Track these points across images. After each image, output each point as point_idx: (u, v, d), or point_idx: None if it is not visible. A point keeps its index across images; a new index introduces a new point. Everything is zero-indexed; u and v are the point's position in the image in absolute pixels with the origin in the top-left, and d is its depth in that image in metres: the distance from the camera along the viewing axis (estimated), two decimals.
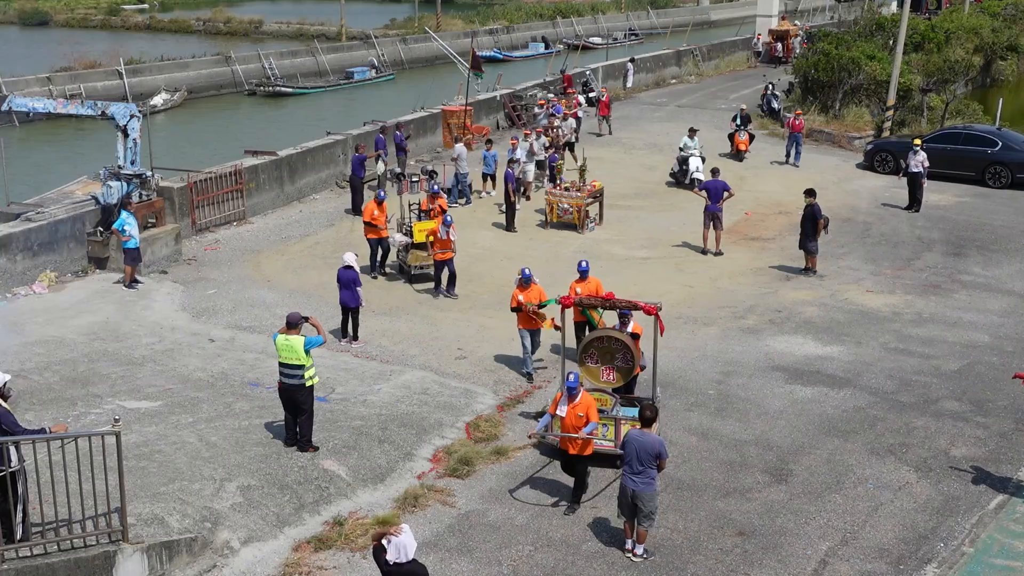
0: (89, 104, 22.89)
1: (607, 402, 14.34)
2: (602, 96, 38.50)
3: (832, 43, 40.67)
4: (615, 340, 14.61)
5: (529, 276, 16.89)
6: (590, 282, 17.14)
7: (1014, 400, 16.07)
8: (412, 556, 9.35)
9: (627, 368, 14.61)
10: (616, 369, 14.63)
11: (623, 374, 14.64)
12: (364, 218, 22.06)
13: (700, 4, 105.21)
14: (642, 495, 11.90)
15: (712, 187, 23.94)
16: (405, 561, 9.32)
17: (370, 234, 22.05)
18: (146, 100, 49.20)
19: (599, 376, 14.69)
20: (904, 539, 12.65)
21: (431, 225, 21.47)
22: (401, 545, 9.29)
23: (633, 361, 14.58)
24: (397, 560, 9.32)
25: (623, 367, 14.60)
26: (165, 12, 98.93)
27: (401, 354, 18.12)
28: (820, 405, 16.27)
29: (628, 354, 14.53)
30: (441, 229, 20.61)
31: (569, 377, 13.00)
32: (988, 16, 56.98)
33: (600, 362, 14.69)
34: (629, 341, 14.67)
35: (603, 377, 14.68)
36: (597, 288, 16.95)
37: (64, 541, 10.83)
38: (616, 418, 14.12)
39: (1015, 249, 24.76)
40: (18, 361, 16.84)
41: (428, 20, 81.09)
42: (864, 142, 35.02)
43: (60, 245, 21.53)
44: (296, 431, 13.94)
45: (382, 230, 21.96)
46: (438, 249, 20.82)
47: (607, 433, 13.97)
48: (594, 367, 14.71)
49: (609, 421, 14.06)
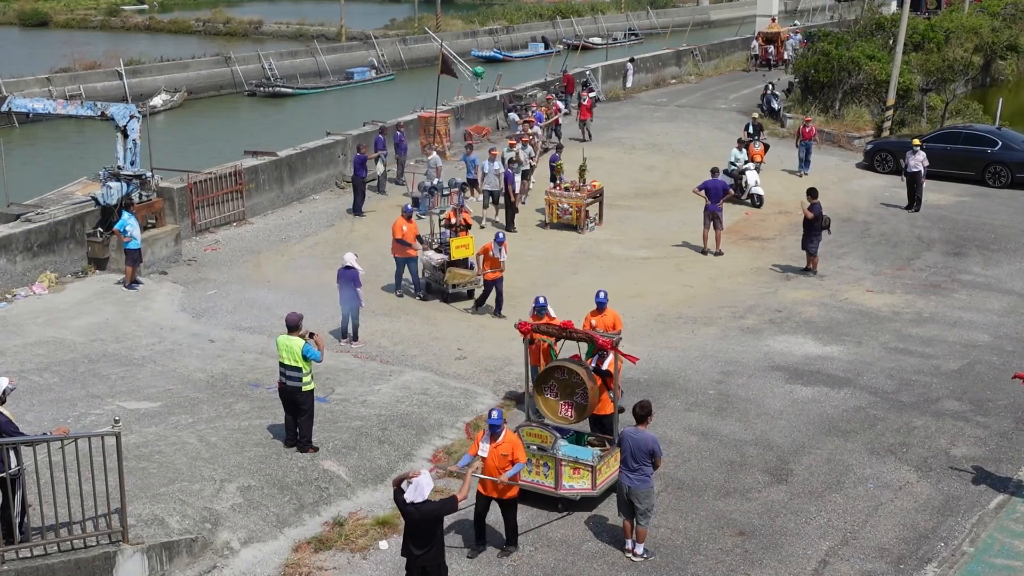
0: (89, 105, 22.90)
1: (547, 439, 13.13)
2: (584, 100, 37.08)
3: (832, 43, 40.67)
4: (576, 374, 13.41)
5: (544, 305, 15.72)
6: (607, 315, 15.58)
7: (1014, 400, 16.06)
8: (427, 496, 10.23)
9: (584, 405, 13.42)
10: (574, 406, 13.50)
11: (579, 412, 13.50)
12: (394, 235, 20.50)
13: (700, 4, 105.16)
14: (637, 492, 11.90)
15: (712, 187, 23.93)
16: (421, 501, 10.20)
17: (398, 252, 20.68)
18: (146, 101, 49.23)
19: (557, 411, 13.60)
20: (904, 539, 12.65)
21: (467, 241, 20.80)
22: (418, 485, 10.21)
23: (589, 399, 13.36)
24: (414, 500, 10.22)
25: (581, 404, 13.45)
26: (165, 13, 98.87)
27: (401, 354, 18.12)
28: (820, 405, 16.27)
29: (587, 391, 13.34)
30: (494, 247, 19.59)
31: (492, 414, 11.81)
32: (988, 16, 56.95)
33: (560, 396, 13.57)
34: (588, 377, 13.44)
35: (561, 412, 13.58)
36: (615, 322, 15.51)
37: (64, 542, 10.83)
38: (557, 458, 12.93)
39: (1015, 249, 24.77)
40: (18, 362, 16.85)
41: (428, 20, 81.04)
42: (864, 142, 35.03)
43: (60, 246, 21.53)
44: (296, 431, 13.94)
45: (411, 248, 20.63)
46: (488, 268, 19.81)
47: (548, 473, 12.98)
48: (553, 400, 13.63)
49: (550, 460, 12.95)
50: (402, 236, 20.39)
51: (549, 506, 13.07)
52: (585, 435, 13.81)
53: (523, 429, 13.19)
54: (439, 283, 20.94)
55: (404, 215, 20.64)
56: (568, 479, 12.96)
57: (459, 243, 20.83)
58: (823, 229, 22.70)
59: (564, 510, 12.99)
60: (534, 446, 13.07)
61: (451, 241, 20.85)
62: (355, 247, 22.24)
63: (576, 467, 12.93)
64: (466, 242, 20.92)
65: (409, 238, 20.46)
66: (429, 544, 10.42)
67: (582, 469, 12.92)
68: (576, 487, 12.97)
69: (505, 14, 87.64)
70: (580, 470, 12.93)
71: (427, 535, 10.40)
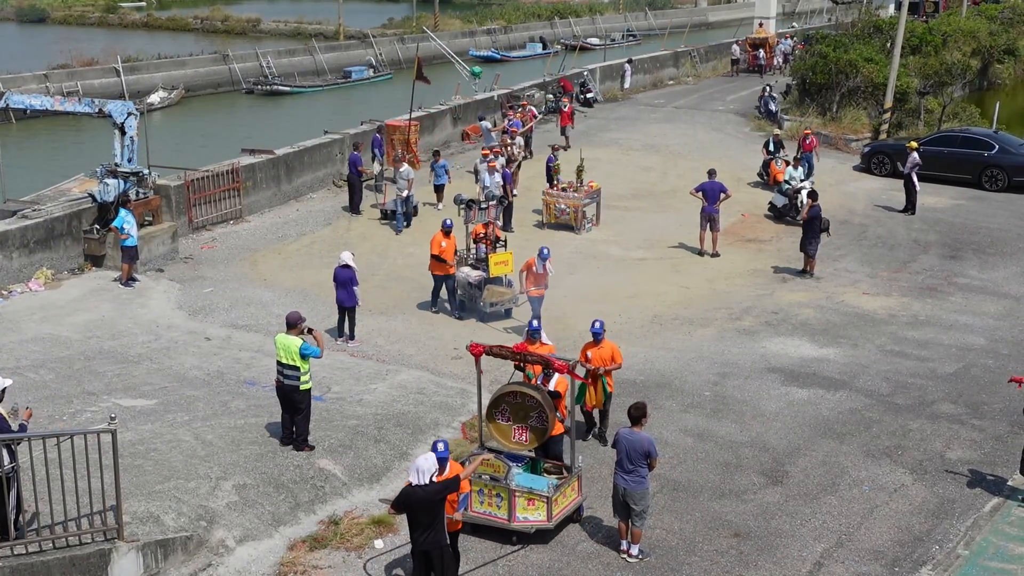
0: (86, 102, 22.87)
1: (500, 468, 12.45)
2: (564, 107, 35.81)
3: (830, 45, 40.72)
4: (529, 397, 12.67)
5: (537, 329, 14.88)
6: (604, 348, 14.70)
7: (1009, 403, 16.08)
8: (428, 480, 10.40)
9: (542, 429, 12.68)
10: (530, 429, 12.73)
11: (537, 435, 12.73)
12: (432, 251, 19.54)
13: (698, 5, 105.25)
14: (632, 493, 11.91)
15: (709, 188, 23.96)
16: (419, 484, 10.39)
17: (437, 269, 19.69)
18: (143, 98, 49.16)
19: (510, 436, 12.81)
20: (899, 541, 12.67)
21: (507, 257, 19.75)
22: (419, 469, 10.43)
23: (548, 422, 12.63)
24: (417, 483, 10.39)
25: (538, 427, 12.68)
26: (163, 10, 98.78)
27: (397, 353, 18.12)
28: (816, 407, 16.28)
29: (543, 413, 12.61)
30: (537, 262, 18.47)
31: (438, 447, 11.09)
32: (985, 19, 57.08)
33: (512, 420, 12.78)
34: (544, 398, 12.73)
35: (515, 437, 12.80)
36: (613, 355, 14.71)
37: (59, 539, 10.81)
38: (510, 488, 12.25)
39: (1011, 252, 24.81)
40: (14, 358, 16.82)
41: (426, 20, 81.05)
42: (861, 144, 35.07)
43: (56, 243, 21.50)
44: (292, 430, 13.92)
45: (450, 265, 19.67)
46: (532, 285, 18.65)
47: (501, 505, 12.32)
48: (505, 425, 12.82)
49: (503, 490, 12.27)
50: (440, 252, 19.44)
51: (503, 539, 12.37)
52: (541, 462, 13.06)
53: (473, 458, 12.45)
54: (475, 302, 19.86)
55: (443, 230, 19.57)
56: (522, 511, 12.26)
57: (498, 259, 19.72)
58: (822, 231, 22.73)
59: (519, 543, 12.30)
60: (486, 476, 12.41)
61: (489, 257, 19.75)
62: (352, 246, 22.26)
63: (531, 498, 12.26)
64: (505, 258, 19.80)
65: (448, 254, 19.52)
66: (430, 526, 10.54)
67: (537, 500, 12.25)
68: (531, 519, 12.28)
69: (503, 14, 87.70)
70: (535, 501, 12.25)
71: (429, 516, 10.51)
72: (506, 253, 19.91)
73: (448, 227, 19.60)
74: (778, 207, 27.13)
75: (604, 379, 14.73)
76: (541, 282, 18.62)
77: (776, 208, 27.21)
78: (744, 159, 33.47)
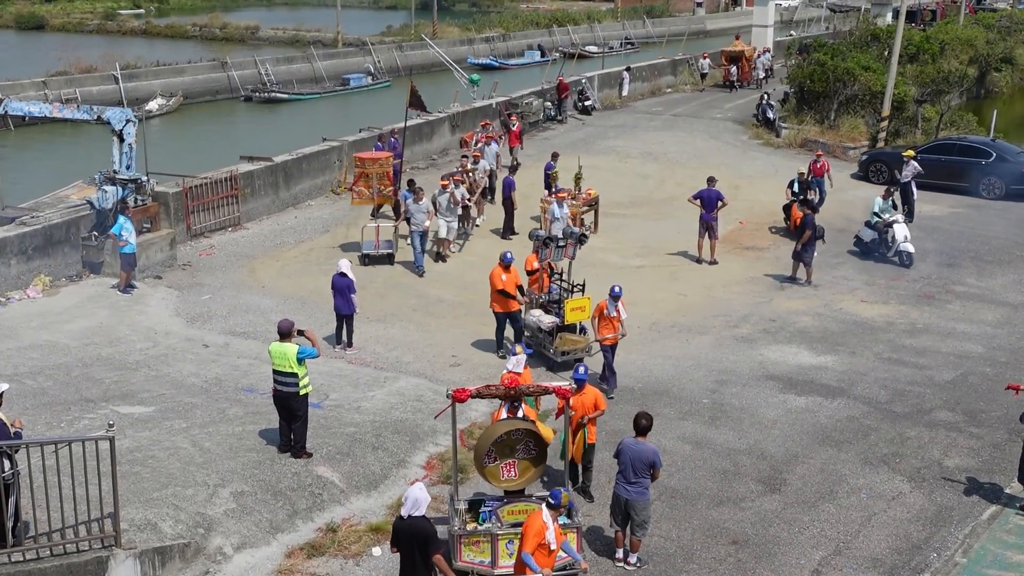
0: (85, 108, 22.91)
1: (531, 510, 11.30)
2: (513, 125, 33.11)
3: (827, 54, 40.82)
4: (515, 431, 11.97)
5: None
6: (587, 394, 13.48)
7: (1007, 411, 16.09)
8: (423, 512, 10.12)
9: (536, 455, 12.04)
10: (519, 461, 12.02)
11: (533, 462, 12.06)
12: (493, 286, 18.08)
13: (696, 14, 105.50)
14: (636, 504, 11.91)
15: (707, 196, 23.99)
16: (408, 516, 10.13)
17: (499, 305, 18.19)
18: (142, 105, 49.20)
19: (499, 475, 12.05)
20: (897, 549, 12.67)
21: (584, 303, 17.64)
22: (415, 500, 10.13)
23: (541, 446, 12.01)
24: (411, 513, 10.14)
25: (526, 458, 12.03)
26: (161, 17, 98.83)
27: (395, 361, 18.11)
28: (814, 414, 16.29)
29: (531, 440, 11.96)
30: (608, 304, 16.62)
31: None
32: (983, 28, 57.27)
33: (499, 459, 12.04)
34: (525, 424, 12.10)
35: (504, 475, 12.03)
36: (596, 401, 13.65)
37: (57, 546, 10.80)
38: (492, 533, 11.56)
39: (1008, 260, 24.84)
40: (11, 365, 16.81)
41: (424, 27, 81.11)
42: (859, 152, 35.14)
43: (55, 249, 21.49)
44: (290, 437, 13.92)
45: (514, 300, 18.18)
46: (606, 332, 16.80)
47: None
48: (493, 466, 12.06)
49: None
50: (503, 287, 18.00)
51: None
52: None
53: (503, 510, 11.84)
54: (545, 348, 18.10)
55: (502, 264, 18.03)
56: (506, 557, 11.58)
57: (575, 305, 17.72)
58: (818, 239, 22.76)
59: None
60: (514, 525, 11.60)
61: (566, 303, 17.84)
62: (350, 253, 22.25)
63: None
64: (582, 304, 17.70)
65: (510, 288, 18.02)
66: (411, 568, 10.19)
67: None
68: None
69: (502, 22, 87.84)
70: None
71: (409, 552, 10.16)
72: (583, 299, 17.86)
73: (508, 260, 18.05)
74: (865, 241, 24.70)
75: (586, 429, 13.42)
76: (614, 328, 16.74)
77: (863, 243, 24.76)
78: (742, 167, 33.54)
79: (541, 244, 18.65)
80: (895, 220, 24.25)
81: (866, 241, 24.70)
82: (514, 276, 18.12)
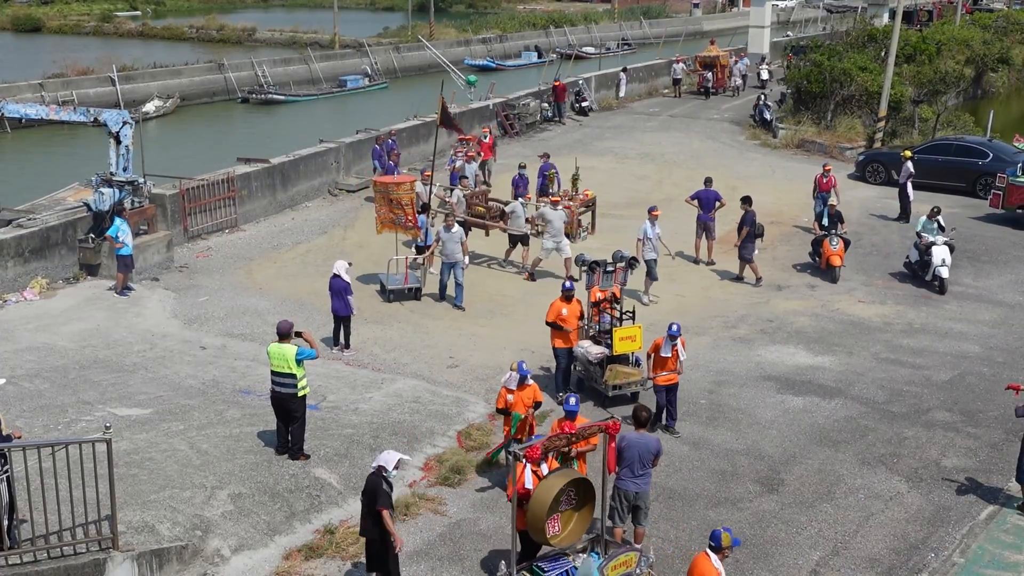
0: (82, 110, 22.90)
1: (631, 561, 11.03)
2: (485, 137, 31.27)
3: (824, 54, 40.85)
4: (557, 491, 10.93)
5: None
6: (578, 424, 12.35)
7: (1005, 410, 16.10)
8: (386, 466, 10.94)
9: (580, 501, 11.24)
10: (562, 514, 11.14)
11: (577, 508, 11.25)
12: (548, 317, 16.60)
13: (693, 15, 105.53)
14: (644, 495, 12.18)
15: (704, 197, 24.00)
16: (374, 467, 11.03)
17: (560, 341, 16.61)
18: (139, 107, 49.13)
19: (547, 533, 11.06)
20: (895, 549, 12.68)
21: (635, 332, 16.52)
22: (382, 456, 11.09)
23: (588, 492, 11.25)
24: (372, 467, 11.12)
25: (571, 506, 11.21)
26: (158, 19, 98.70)
27: (393, 362, 18.11)
28: (811, 415, 16.30)
29: (573, 488, 11.11)
30: (665, 343, 15.26)
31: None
32: (979, 28, 57.29)
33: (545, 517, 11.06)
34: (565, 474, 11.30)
35: (551, 532, 11.07)
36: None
37: (54, 549, 10.79)
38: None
39: (1005, 260, 24.86)
40: (8, 367, 16.79)
41: (421, 29, 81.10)
42: (856, 152, 35.17)
43: (51, 252, 21.49)
44: (288, 439, 13.91)
45: (573, 335, 16.75)
46: (660, 370, 15.44)
47: None
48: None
49: None
50: (560, 320, 16.51)
51: None
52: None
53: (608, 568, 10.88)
54: (596, 382, 16.86)
55: (564, 296, 16.59)
56: None
57: (624, 334, 16.52)
58: (757, 237, 22.79)
59: None
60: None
61: (614, 332, 16.58)
62: (348, 255, 22.24)
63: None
64: (633, 333, 16.55)
65: (571, 323, 16.61)
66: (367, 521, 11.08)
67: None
68: None
69: (498, 23, 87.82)
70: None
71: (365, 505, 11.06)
72: (634, 327, 16.69)
73: (569, 291, 16.58)
74: (912, 263, 23.34)
75: (576, 463, 12.25)
76: (671, 367, 15.45)
77: (911, 266, 23.34)
78: (738, 168, 33.54)
79: (587, 269, 17.81)
80: (935, 242, 22.57)
81: (912, 262, 23.35)
82: (576, 309, 16.72)
